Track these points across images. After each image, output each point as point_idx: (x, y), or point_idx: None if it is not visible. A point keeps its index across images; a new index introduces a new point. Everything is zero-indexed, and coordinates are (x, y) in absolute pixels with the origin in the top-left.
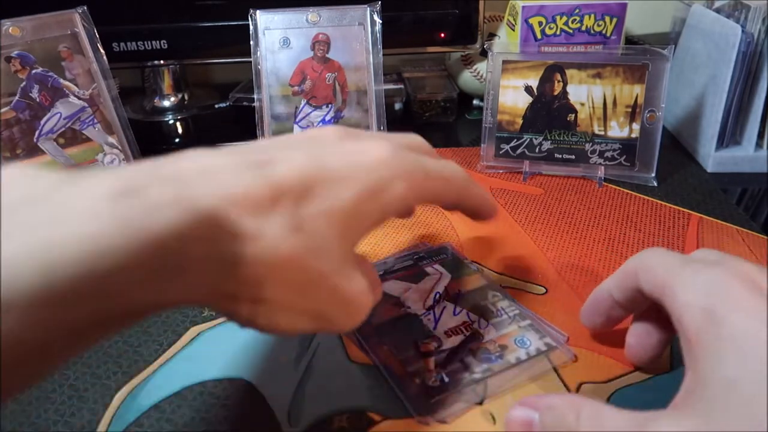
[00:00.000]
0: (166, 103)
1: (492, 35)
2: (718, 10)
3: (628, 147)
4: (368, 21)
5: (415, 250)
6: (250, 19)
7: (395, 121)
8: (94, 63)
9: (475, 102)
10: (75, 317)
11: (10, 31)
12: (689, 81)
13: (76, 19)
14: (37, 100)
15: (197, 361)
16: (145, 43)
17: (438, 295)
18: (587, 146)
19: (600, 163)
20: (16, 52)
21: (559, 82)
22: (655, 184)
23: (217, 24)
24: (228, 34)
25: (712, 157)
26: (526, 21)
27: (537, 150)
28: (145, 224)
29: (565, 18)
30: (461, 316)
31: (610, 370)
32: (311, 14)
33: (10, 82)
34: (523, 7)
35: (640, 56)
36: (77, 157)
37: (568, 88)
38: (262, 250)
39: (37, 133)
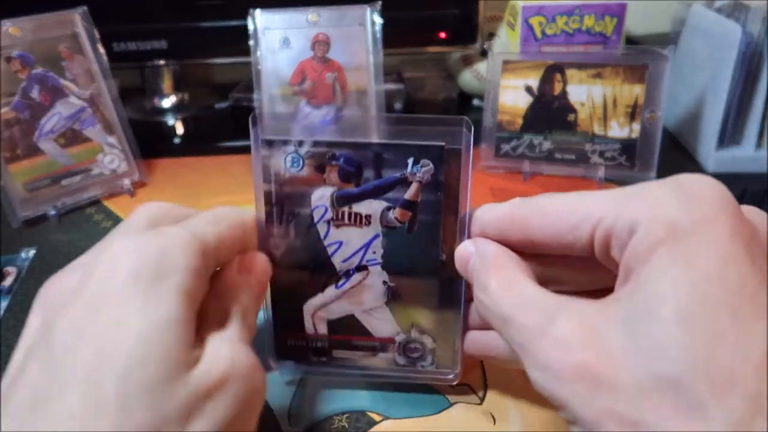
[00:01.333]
0: (166, 103)
1: (492, 35)
2: (718, 10)
3: (628, 147)
4: (368, 21)
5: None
6: (250, 19)
7: None
8: (94, 63)
9: (475, 102)
10: None
11: (10, 31)
12: (689, 81)
13: (76, 19)
14: (37, 100)
15: None
16: (145, 43)
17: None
18: (587, 146)
19: (600, 163)
20: (16, 52)
21: (559, 82)
22: None
23: (217, 24)
24: (228, 34)
25: (712, 157)
26: (526, 21)
27: (537, 150)
28: None
29: (565, 18)
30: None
31: None
32: (311, 14)
33: (10, 82)
34: (523, 7)
35: (640, 56)
36: (77, 157)
37: (568, 88)
38: None
39: (37, 133)
